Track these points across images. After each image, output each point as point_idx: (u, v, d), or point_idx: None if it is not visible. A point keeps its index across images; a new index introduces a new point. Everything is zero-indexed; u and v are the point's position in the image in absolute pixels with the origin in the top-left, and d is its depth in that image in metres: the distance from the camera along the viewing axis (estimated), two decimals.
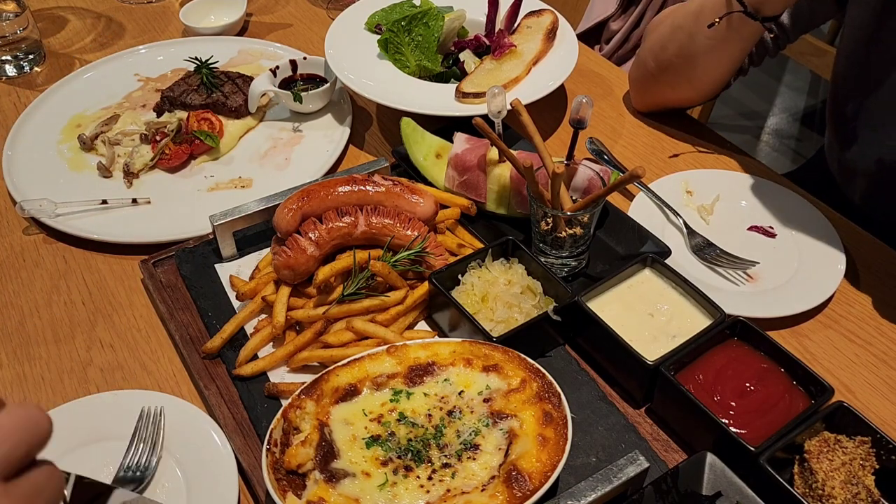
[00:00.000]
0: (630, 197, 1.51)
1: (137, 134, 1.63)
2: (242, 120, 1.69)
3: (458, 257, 1.28)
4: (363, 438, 1.02)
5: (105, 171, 1.57)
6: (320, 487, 0.96)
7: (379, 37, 1.70)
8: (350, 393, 1.07)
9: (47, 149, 1.63)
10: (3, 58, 1.86)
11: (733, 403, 1.08)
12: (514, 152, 1.29)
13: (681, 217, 1.44)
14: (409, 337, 1.20)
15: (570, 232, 1.25)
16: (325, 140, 1.66)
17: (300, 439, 1.01)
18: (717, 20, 1.43)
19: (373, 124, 1.74)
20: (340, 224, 1.26)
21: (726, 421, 1.05)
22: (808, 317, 1.30)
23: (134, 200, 1.50)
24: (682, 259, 1.38)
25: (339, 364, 1.10)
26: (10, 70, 1.88)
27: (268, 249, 1.33)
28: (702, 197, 1.50)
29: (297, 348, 1.17)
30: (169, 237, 1.40)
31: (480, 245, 1.35)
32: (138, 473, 1.05)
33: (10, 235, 1.47)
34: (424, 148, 1.47)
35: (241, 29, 2.05)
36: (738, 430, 1.04)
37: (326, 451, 1.00)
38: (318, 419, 1.03)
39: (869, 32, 1.46)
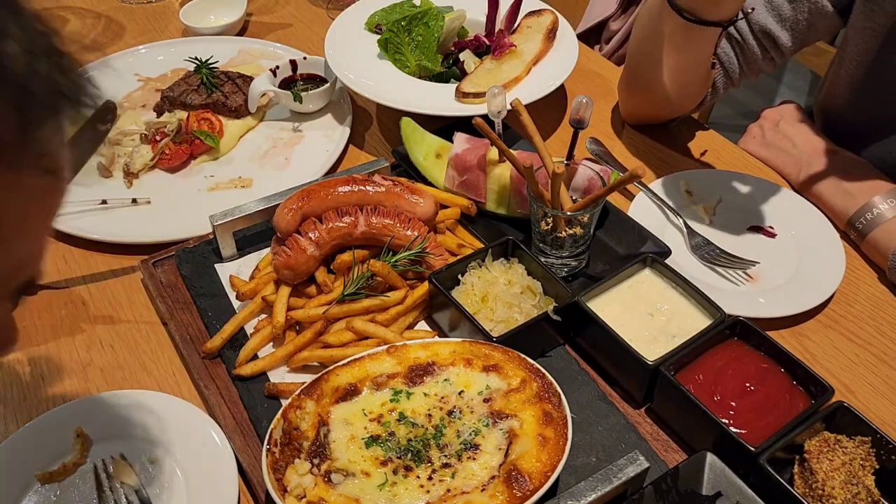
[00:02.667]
0: (630, 197, 1.51)
1: (137, 134, 1.63)
2: (242, 120, 1.69)
3: (458, 257, 1.28)
4: (363, 438, 1.02)
5: (105, 171, 1.56)
6: (320, 487, 0.96)
7: (379, 37, 1.70)
8: (350, 393, 1.07)
9: None
10: None
11: (733, 403, 1.08)
12: (514, 152, 1.29)
13: (681, 217, 1.44)
14: (409, 337, 1.20)
15: (570, 232, 1.25)
16: (325, 140, 1.66)
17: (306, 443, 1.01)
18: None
19: (373, 124, 1.73)
20: (340, 224, 1.26)
21: (726, 421, 1.05)
22: (808, 317, 1.30)
23: (134, 200, 1.50)
24: (682, 259, 1.38)
25: (339, 364, 1.10)
26: None
27: (268, 249, 1.33)
28: (702, 197, 1.50)
29: (297, 348, 1.17)
30: (169, 237, 1.40)
31: (480, 245, 1.35)
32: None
33: None
34: (424, 148, 1.47)
35: (241, 29, 2.05)
36: (738, 430, 1.04)
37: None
38: (318, 419, 1.03)
39: (880, 42, 1.44)
